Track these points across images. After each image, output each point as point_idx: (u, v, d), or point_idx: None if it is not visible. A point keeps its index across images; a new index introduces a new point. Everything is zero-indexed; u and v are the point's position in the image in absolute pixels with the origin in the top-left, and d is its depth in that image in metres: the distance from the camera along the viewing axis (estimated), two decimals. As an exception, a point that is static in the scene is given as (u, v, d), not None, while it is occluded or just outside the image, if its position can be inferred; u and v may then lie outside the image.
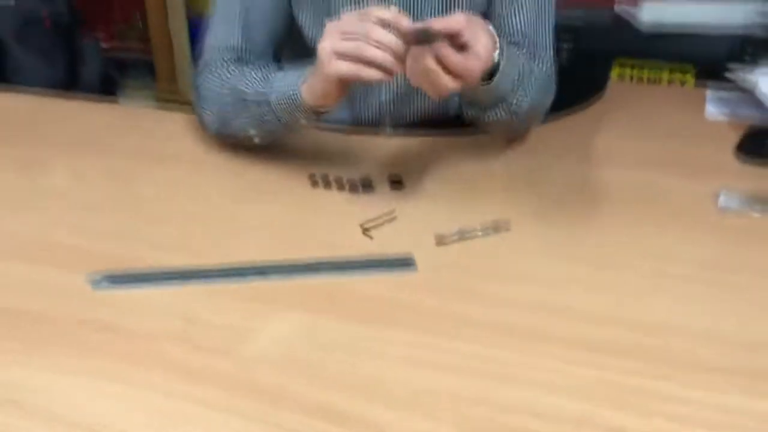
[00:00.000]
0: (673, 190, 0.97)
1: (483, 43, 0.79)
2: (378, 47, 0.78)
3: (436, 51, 0.77)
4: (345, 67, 0.80)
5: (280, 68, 0.99)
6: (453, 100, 1.10)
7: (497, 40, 0.85)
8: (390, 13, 0.79)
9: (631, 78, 2.02)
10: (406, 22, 0.79)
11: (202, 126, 1.07)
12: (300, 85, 0.89)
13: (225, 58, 1.02)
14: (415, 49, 0.78)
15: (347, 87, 0.85)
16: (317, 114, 0.91)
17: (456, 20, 0.77)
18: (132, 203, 0.94)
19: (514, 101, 0.95)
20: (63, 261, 0.81)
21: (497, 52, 0.85)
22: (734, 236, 0.87)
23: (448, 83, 0.78)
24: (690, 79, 2.00)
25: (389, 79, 0.81)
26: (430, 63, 0.77)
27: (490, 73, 0.86)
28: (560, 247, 0.84)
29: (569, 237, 0.86)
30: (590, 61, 1.98)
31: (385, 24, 0.78)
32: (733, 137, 1.10)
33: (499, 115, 0.97)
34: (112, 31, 2.87)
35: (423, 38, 0.77)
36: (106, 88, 2.60)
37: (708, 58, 1.90)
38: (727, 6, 2.09)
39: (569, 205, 0.93)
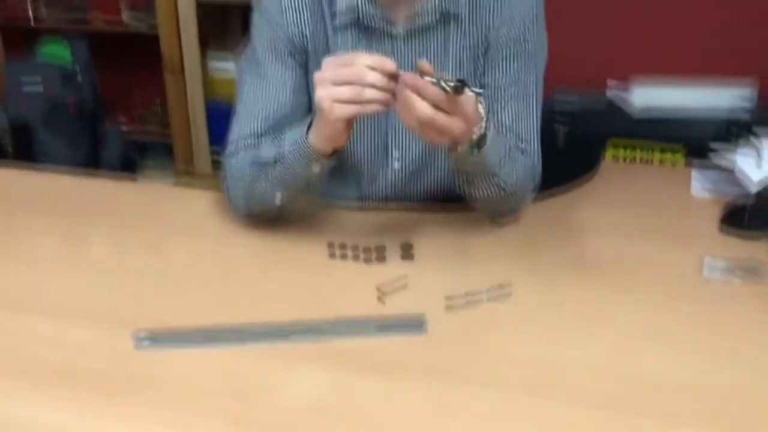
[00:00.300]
0: (660, 259, 1.05)
1: (469, 111, 0.91)
2: (373, 87, 0.89)
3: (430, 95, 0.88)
4: (346, 110, 0.90)
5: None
6: (451, 184, 1.17)
7: (483, 115, 0.95)
8: (374, 59, 0.90)
9: (624, 158, 2.14)
10: (390, 65, 0.90)
11: (231, 208, 1.16)
12: (307, 133, 0.99)
13: (248, 143, 1.12)
14: (406, 96, 0.89)
15: (351, 127, 0.96)
16: (328, 158, 1.01)
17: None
18: (165, 270, 1.03)
19: (502, 176, 1.04)
20: (107, 322, 0.89)
21: (484, 122, 0.95)
22: (718, 301, 0.95)
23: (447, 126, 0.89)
24: (680, 159, 2.11)
25: (387, 109, 0.92)
26: (427, 110, 0.88)
27: (479, 145, 0.96)
28: (557, 310, 0.92)
29: (566, 301, 0.94)
30: (585, 142, 2.10)
31: (372, 68, 0.90)
32: (717, 211, 1.20)
33: (488, 189, 1.06)
34: (133, 115, 3.03)
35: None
36: (126, 168, 2.73)
37: (696, 139, 2.01)
38: (712, 91, 2.23)
39: (566, 273, 1.02)
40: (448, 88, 0.87)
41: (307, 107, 1.15)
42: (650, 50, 2.39)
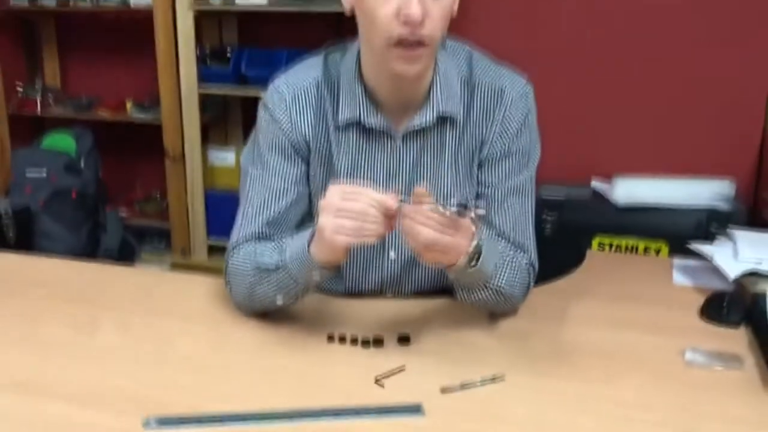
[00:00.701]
0: (645, 347, 1.11)
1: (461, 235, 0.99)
2: (374, 222, 0.97)
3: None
4: (346, 240, 0.98)
5: (291, 234, 1.15)
6: (444, 276, 1.20)
7: (475, 233, 1.02)
8: (378, 197, 0.98)
9: (611, 246, 2.22)
10: (391, 203, 0.97)
11: (233, 300, 1.21)
12: (308, 247, 1.05)
13: (249, 241, 1.18)
14: (409, 225, 0.98)
15: (349, 249, 1.02)
16: (327, 269, 1.07)
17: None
18: (170, 356, 1.08)
19: (499, 282, 1.11)
20: (117, 406, 0.93)
21: (476, 242, 1.02)
22: (699, 387, 1.00)
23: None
24: (664, 248, 2.20)
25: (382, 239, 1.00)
26: (430, 234, 0.97)
27: (476, 258, 1.03)
28: (548, 395, 0.97)
29: (555, 387, 0.99)
30: (572, 231, 2.19)
31: (374, 205, 0.97)
32: (697, 301, 1.26)
33: (485, 295, 1.12)
34: (133, 202, 3.11)
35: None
36: (124, 253, 2.78)
37: (678, 229, 2.11)
38: (692, 186, 2.33)
39: (555, 360, 1.07)
40: (447, 212, 0.95)
41: (308, 198, 1.21)
42: (633, 150, 2.51)
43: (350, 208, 0.98)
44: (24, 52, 3.15)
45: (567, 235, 2.19)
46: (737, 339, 1.14)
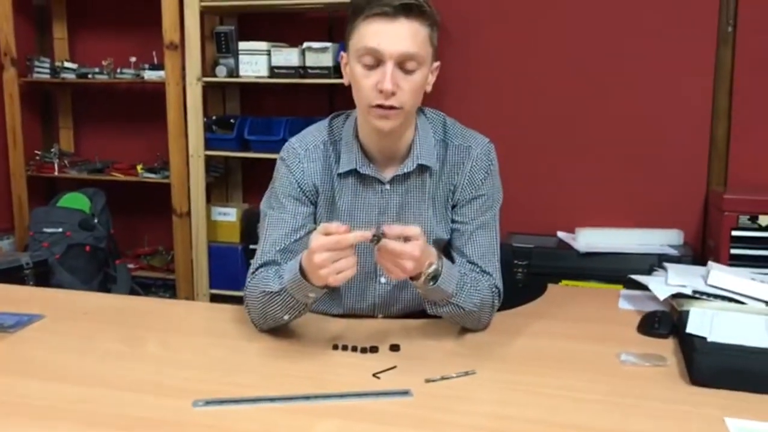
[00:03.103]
0: (589, 352, 1.37)
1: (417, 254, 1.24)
2: (348, 268, 1.23)
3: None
4: (328, 280, 1.23)
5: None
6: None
7: (435, 255, 1.29)
8: (355, 238, 1.21)
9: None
10: (354, 239, 1.21)
11: (250, 319, 1.45)
12: (298, 272, 1.28)
13: (262, 270, 1.42)
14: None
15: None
16: (321, 288, 1.29)
17: (413, 230, 1.24)
18: (207, 361, 1.32)
19: (461, 300, 1.37)
20: (170, 393, 1.18)
21: (435, 264, 1.29)
22: (631, 378, 1.26)
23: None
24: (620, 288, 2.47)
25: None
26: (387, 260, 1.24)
27: (434, 278, 1.30)
28: (510, 384, 1.22)
29: (516, 379, 1.25)
30: (541, 276, 2.46)
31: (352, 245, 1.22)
32: (636, 320, 1.53)
33: (449, 309, 1.38)
34: (140, 257, 3.35)
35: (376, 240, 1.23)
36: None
37: (633, 273, 2.38)
38: (645, 234, 2.63)
39: (516, 361, 1.33)
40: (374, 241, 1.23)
41: None
42: (593, 205, 2.82)
43: (331, 253, 1.21)
44: (41, 119, 3.44)
45: (536, 280, 2.47)
46: (665, 346, 1.41)
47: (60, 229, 2.98)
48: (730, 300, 1.49)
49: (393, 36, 1.31)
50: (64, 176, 3.24)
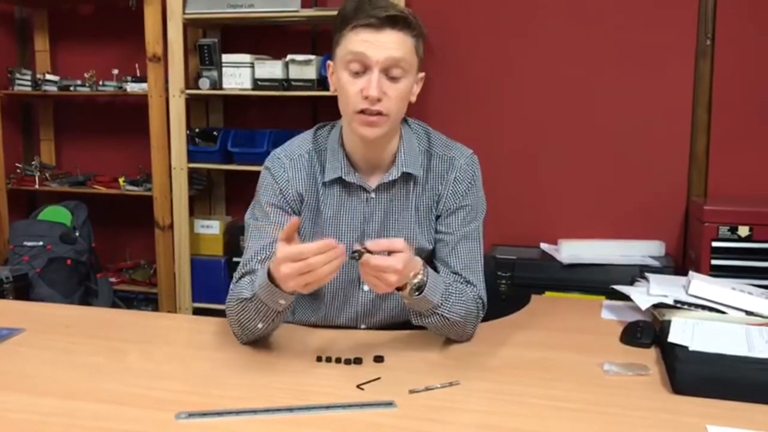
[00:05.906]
0: (572, 362, 1.37)
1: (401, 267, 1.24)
2: (315, 282, 1.21)
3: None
4: (296, 289, 1.24)
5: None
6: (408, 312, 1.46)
7: (420, 266, 1.30)
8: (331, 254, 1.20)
9: (557, 300, 2.49)
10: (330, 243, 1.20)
11: (231, 331, 1.44)
12: (267, 278, 1.27)
13: (244, 278, 1.41)
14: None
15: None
16: (291, 294, 1.28)
17: (398, 244, 1.24)
18: (189, 373, 1.31)
19: (446, 310, 1.37)
20: (152, 405, 1.16)
21: (420, 275, 1.29)
22: (613, 387, 1.26)
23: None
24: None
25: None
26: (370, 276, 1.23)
27: (420, 289, 1.30)
28: (493, 394, 1.23)
29: (499, 388, 1.25)
30: (524, 288, 2.47)
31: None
32: (619, 330, 1.54)
33: (434, 320, 1.38)
34: (122, 271, 3.32)
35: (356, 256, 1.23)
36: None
37: (615, 284, 2.39)
38: (627, 245, 2.66)
39: (499, 371, 1.33)
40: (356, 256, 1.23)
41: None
42: (576, 217, 2.85)
43: (307, 263, 1.20)
44: (22, 132, 3.42)
45: (519, 291, 2.48)
46: (647, 355, 1.41)
47: (41, 243, 2.95)
48: (711, 309, 1.51)
49: (380, 44, 1.33)
50: (45, 189, 3.21)
